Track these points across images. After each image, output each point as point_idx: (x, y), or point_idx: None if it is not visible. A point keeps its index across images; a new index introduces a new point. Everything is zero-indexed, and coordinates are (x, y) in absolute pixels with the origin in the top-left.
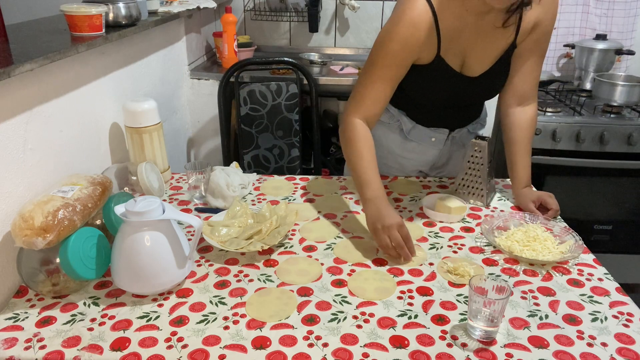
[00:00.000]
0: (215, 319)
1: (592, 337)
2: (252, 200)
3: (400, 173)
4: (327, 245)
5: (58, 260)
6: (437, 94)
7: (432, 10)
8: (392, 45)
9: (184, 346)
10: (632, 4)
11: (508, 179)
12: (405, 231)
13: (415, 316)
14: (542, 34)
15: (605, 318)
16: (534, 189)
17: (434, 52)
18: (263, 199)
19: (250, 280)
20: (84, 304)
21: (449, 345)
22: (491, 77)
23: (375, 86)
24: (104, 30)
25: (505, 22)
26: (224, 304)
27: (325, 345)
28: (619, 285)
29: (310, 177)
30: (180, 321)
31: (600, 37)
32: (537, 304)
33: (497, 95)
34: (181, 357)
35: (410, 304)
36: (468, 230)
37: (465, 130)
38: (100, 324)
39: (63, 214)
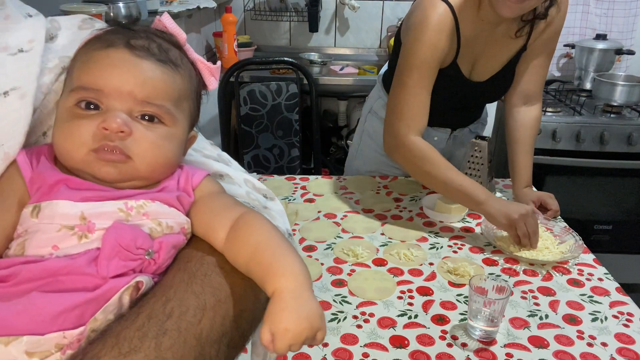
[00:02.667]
0: None
1: (592, 337)
2: None
3: (400, 172)
4: (327, 245)
5: None
6: (443, 98)
7: (453, 14)
8: (424, 52)
9: None
10: (632, 4)
11: (508, 179)
12: (536, 218)
13: (415, 316)
14: (552, 32)
15: (605, 318)
16: (534, 189)
17: (452, 58)
18: None
19: None
20: None
21: (449, 345)
22: (498, 81)
23: (418, 98)
24: None
25: (517, 32)
26: None
27: (325, 345)
28: (619, 285)
29: (310, 177)
30: None
31: (600, 37)
32: (537, 304)
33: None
34: None
35: (410, 304)
36: (468, 230)
37: (467, 129)
38: None
39: None
